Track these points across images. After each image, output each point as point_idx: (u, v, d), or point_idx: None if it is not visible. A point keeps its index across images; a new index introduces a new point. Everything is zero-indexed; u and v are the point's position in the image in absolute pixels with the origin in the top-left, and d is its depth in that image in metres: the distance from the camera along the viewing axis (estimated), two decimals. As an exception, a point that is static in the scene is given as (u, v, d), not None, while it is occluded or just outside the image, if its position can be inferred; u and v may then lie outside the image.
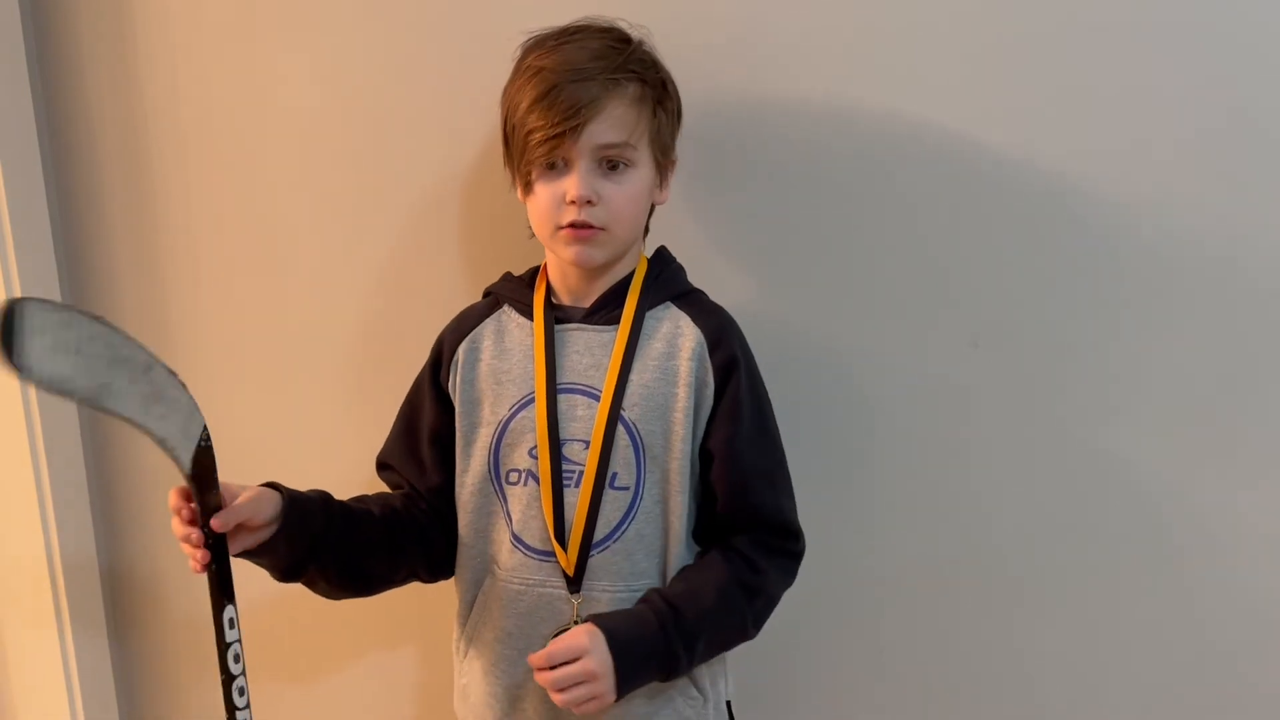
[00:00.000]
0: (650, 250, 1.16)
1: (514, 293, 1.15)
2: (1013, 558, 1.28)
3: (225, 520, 0.96)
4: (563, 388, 1.08)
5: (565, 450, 1.07)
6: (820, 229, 1.25)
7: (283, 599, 1.12)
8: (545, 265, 1.15)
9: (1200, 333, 1.21)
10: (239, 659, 0.98)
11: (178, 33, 1.36)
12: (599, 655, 0.98)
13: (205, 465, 0.95)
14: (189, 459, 0.93)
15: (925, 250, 1.24)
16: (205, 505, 0.95)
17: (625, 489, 1.06)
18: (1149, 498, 1.25)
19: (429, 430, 1.15)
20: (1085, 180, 1.19)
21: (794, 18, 1.21)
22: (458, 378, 1.13)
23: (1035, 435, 1.26)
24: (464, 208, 1.32)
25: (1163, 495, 1.24)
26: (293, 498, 1.03)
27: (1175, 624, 1.26)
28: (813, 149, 1.24)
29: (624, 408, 1.06)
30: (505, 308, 1.15)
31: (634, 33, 1.09)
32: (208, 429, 0.94)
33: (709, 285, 1.16)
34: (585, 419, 1.07)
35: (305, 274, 1.38)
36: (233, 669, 0.97)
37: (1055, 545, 1.27)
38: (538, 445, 1.07)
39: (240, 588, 0.98)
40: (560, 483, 1.07)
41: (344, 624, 1.42)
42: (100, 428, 1.49)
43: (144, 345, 0.88)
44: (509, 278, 1.18)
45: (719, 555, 1.08)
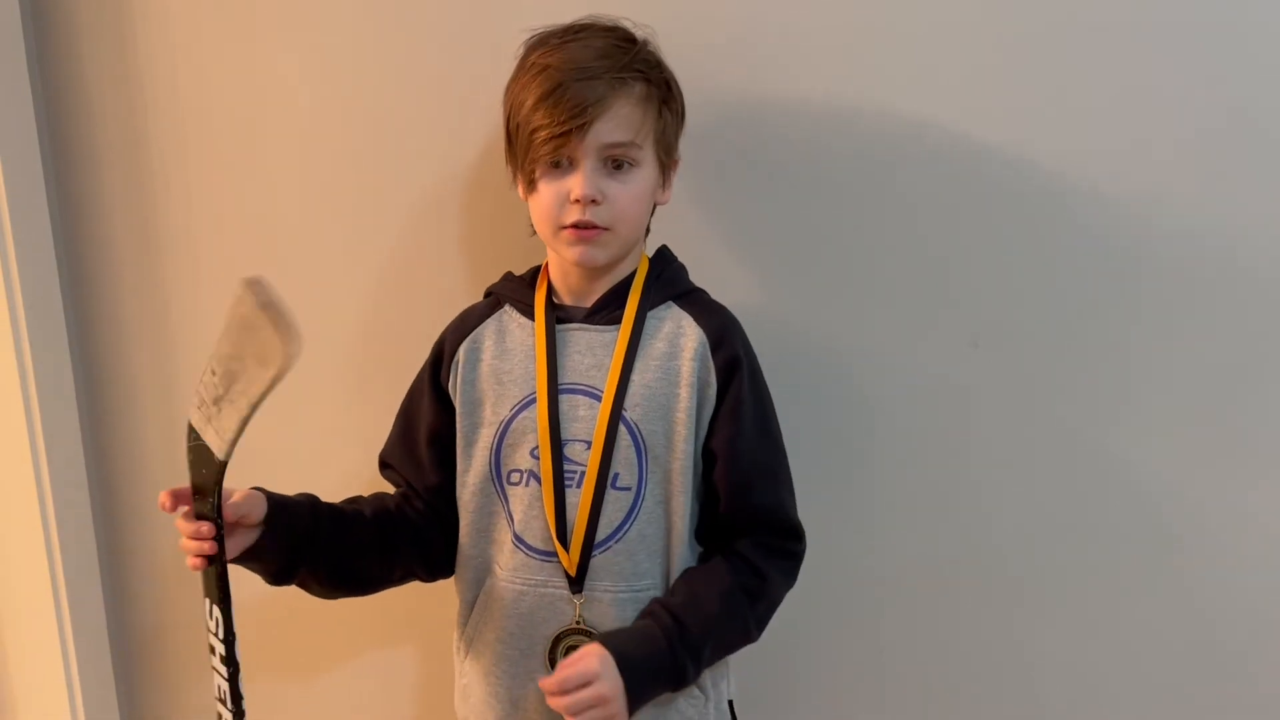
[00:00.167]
0: (651, 250, 1.16)
1: (515, 292, 1.15)
2: (1013, 558, 1.29)
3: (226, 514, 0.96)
4: (564, 388, 1.08)
5: (567, 450, 1.07)
6: (820, 229, 1.25)
7: (283, 598, 1.11)
8: (546, 265, 1.15)
9: (1200, 332, 1.21)
10: (230, 660, 0.97)
11: (178, 33, 1.36)
12: (610, 679, 0.97)
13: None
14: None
15: (925, 250, 1.24)
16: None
17: (627, 489, 1.06)
18: (1149, 497, 1.25)
19: (427, 430, 1.15)
20: (1085, 180, 1.20)
21: (794, 18, 1.21)
22: (459, 378, 1.13)
23: (1035, 435, 1.26)
24: (464, 207, 1.32)
25: (1162, 495, 1.25)
26: (278, 502, 1.03)
27: (1176, 624, 1.27)
28: (813, 149, 1.24)
29: (625, 408, 1.06)
30: (506, 308, 1.15)
31: (638, 32, 1.09)
32: (189, 425, 0.94)
33: (709, 285, 1.16)
34: (587, 419, 1.07)
35: (305, 274, 1.37)
36: (224, 671, 0.97)
37: (1055, 545, 1.27)
38: (539, 445, 1.07)
39: (240, 587, 0.98)
40: (562, 483, 1.07)
41: (344, 623, 1.42)
42: (100, 428, 1.49)
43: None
44: (510, 277, 1.18)
45: (722, 560, 1.08)
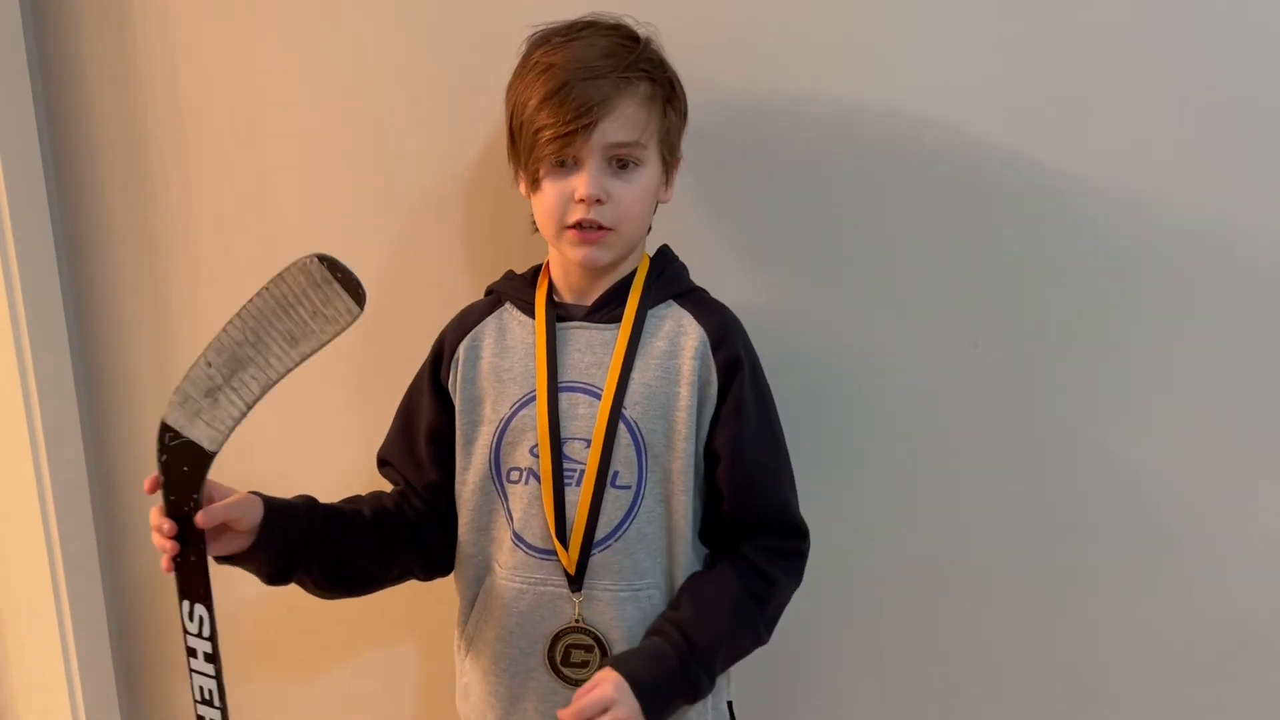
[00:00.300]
0: (652, 249, 1.16)
1: (516, 291, 1.15)
2: (1013, 558, 1.29)
3: (209, 518, 0.95)
4: (564, 386, 1.08)
5: (566, 449, 1.07)
6: (820, 228, 1.25)
7: (282, 598, 1.11)
8: (547, 263, 1.15)
9: (1200, 332, 1.21)
10: (210, 657, 0.97)
11: (178, 33, 1.36)
12: (627, 705, 0.97)
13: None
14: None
15: (925, 250, 1.24)
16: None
17: (626, 488, 1.06)
18: (1149, 497, 1.25)
19: (426, 428, 1.15)
20: (1085, 180, 1.20)
21: (794, 18, 1.21)
22: (458, 376, 1.13)
23: (1035, 435, 1.26)
24: (465, 207, 1.32)
25: (1163, 495, 1.25)
26: (273, 506, 1.03)
27: (1176, 624, 1.27)
28: (813, 148, 1.24)
29: (625, 406, 1.06)
30: (507, 306, 1.15)
31: (641, 30, 1.09)
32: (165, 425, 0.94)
33: (710, 284, 1.16)
34: (586, 417, 1.07)
35: (305, 273, 1.37)
36: (202, 668, 0.96)
37: (1055, 545, 1.27)
38: (539, 444, 1.07)
39: (241, 586, 0.98)
40: (561, 481, 1.06)
41: (344, 623, 1.42)
42: (100, 427, 1.49)
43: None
44: (511, 275, 1.18)
45: (728, 566, 1.08)
